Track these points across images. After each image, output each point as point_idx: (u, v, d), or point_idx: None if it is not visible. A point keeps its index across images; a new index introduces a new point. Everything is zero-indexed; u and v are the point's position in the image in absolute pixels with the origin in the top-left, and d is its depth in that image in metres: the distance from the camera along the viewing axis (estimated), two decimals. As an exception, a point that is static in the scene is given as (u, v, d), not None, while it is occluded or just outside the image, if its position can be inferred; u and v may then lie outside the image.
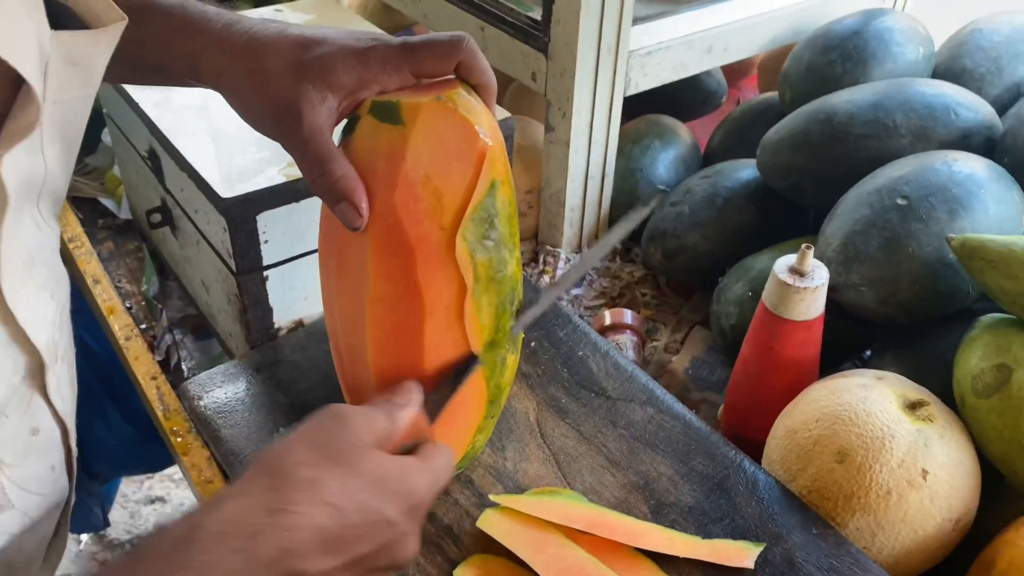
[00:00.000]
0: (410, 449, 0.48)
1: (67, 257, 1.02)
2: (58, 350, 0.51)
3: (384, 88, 0.53)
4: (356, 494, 0.41)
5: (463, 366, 0.56)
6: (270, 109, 0.51)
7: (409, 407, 0.49)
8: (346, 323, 0.58)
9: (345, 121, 0.54)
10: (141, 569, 0.38)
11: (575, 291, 0.95)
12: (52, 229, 0.51)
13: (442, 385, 0.55)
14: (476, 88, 0.55)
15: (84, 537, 1.77)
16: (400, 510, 0.43)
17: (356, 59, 0.51)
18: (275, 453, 0.42)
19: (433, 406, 0.53)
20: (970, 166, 0.71)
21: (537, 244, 1.01)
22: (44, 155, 0.45)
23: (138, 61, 0.55)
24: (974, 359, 0.63)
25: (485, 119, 0.53)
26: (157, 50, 0.55)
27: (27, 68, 0.40)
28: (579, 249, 1.00)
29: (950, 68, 0.93)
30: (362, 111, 0.53)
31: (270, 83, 0.51)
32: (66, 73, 0.45)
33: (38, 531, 0.53)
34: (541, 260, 0.97)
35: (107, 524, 1.49)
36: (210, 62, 0.53)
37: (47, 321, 0.49)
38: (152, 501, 1.86)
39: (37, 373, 0.49)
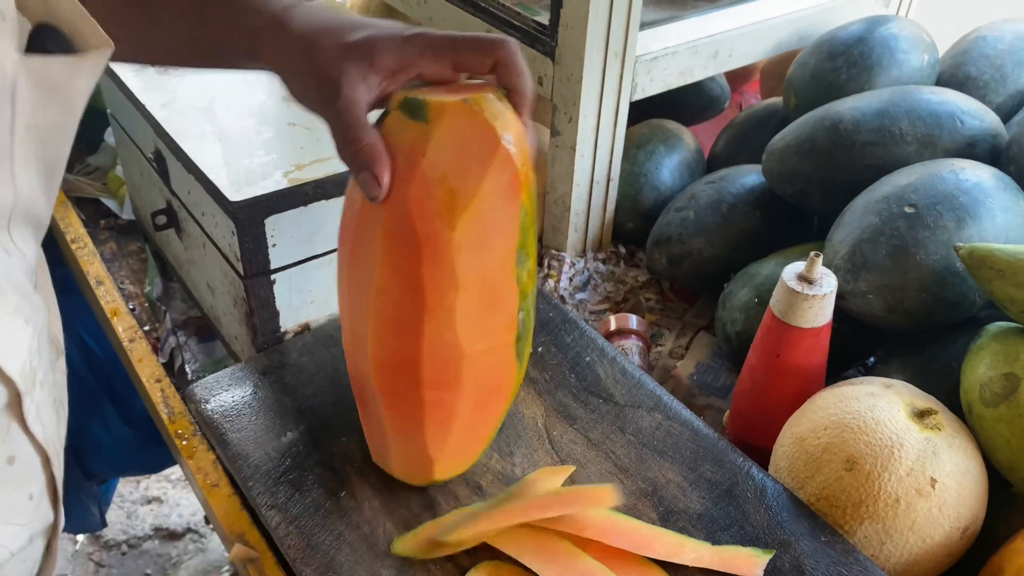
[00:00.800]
0: None
1: (70, 258, 1.01)
2: (36, 376, 0.50)
3: (423, 74, 0.54)
4: None
5: None
6: (314, 82, 0.54)
7: None
8: (352, 311, 0.58)
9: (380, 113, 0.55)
10: None
11: (579, 296, 0.95)
12: (23, 254, 0.49)
13: None
14: (510, 92, 0.55)
15: (80, 537, 1.76)
16: None
17: (399, 43, 0.53)
18: None
19: None
20: (977, 175, 0.71)
21: (542, 248, 1.01)
22: (15, 182, 0.45)
23: (197, 38, 0.58)
24: (981, 368, 0.63)
25: (512, 125, 0.53)
26: (219, 27, 0.57)
27: None
28: (584, 253, 1.00)
29: (954, 75, 0.93)
30: (392, 106, 0.54)
31: (316, 59, 0.53)
32: (39, 98, 0.44)
33: (24, 558, 0.52)
34: (546, 264, 0.97)
35: (104, 524, 1.48)
36: (271, 39, 0.55)
37: (21, 349, 0.47)
38: (149, 501, 1.85)
39: (14, 402, 0.48)
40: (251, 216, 0.70)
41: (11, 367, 0.46)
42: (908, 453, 0.59)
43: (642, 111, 1.05)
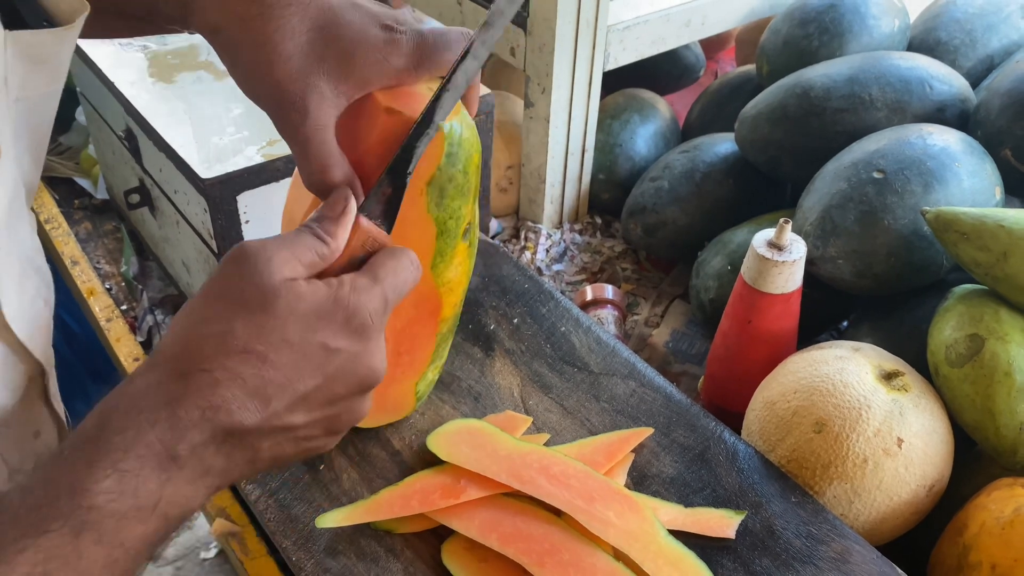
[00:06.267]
0: (364, 260, 0.44)
1: (44, 239, 1.01)
2: (51, 351, 0.51)
3: (400, 84, 0.49)
4: (274, 333, 0.38)
5: (406, 143, 0.49)
6: (273, 94, 0.46)
7: (343, 218, 0.44)
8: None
9: None
10: (64, 465, 0.35)
11: (556, 267, 0.96)
12: (31, 224, 0.50)
13: (381, 178, 0.48)
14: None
15: (68, 517, 1.76)
16: (339, 332, 0.40)
17: (379, 52, 0.47)
18: (177, 320, 0.39)
19: (384, 205, 0.47)
20: (944, 139, 0.72)
21: (518, 220, 1.01)
22: (15, 158, 0.45)
23: (121, 12, 0.50)
24: (947, 329, 0.64)
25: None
26: None
27: None
28: (560, 224, 1.00)
29: (925, 41, 0.93)
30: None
31: (276, 65, 0.45)
32: (29, 71, 0.43)
33: None
34: (522, 236, 0.98)
35: (91, 504, 1.48)
36: (204, 14, 0.47)
37: (42, 329, 0.48)
38: (135, 480, 1.85)
39: (37, 380, 0.49)
40: (223, 193, 0.69)
41: (37, 348, 0.47)
42: (875, 414, 0.60)
43: (617, 81, 1.05)
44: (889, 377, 0.63)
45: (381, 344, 0.43)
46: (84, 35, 0.53)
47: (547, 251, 0.97)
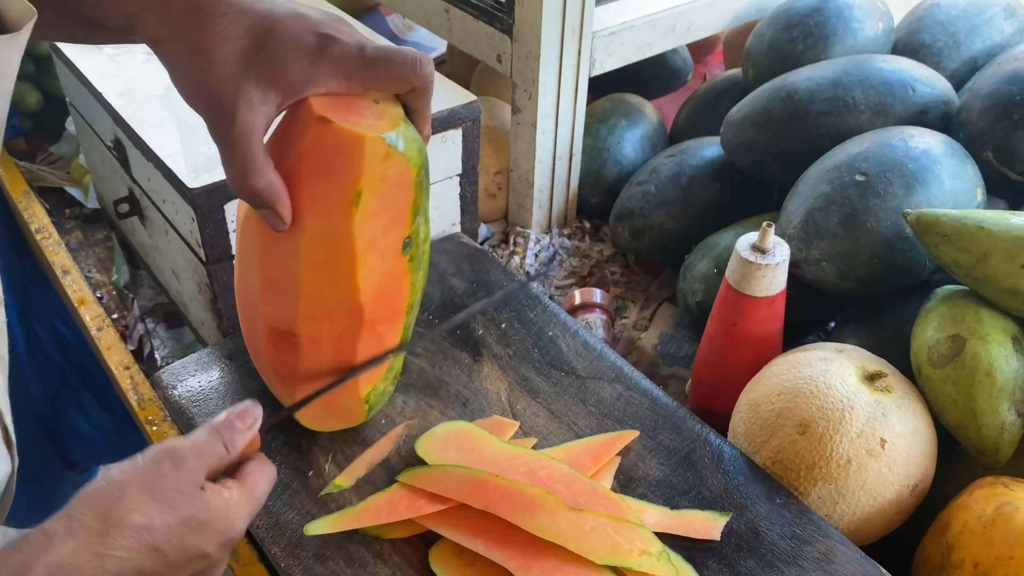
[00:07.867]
0: (237, 465, 0.49)
1: (35, 248, 1.01)
2: None
3: (330, 92, 0.50)
4: (180, 537, 0.44)
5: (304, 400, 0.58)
6: (204, 98, 0.48)
7: (247, 432, 0.49)
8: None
9: None
10: None
11: (545, 271, 0.96)
12: None
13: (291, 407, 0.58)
14: (410, 112, 0.54)
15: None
16: (217, 544, 0.46)
17: (308, 59, 0.48)
18: (109, 495, 0.43)
19: (276, 425, 0.54)
20: (926, 142, 0.73)
21: (507, 225, 1.02)
22: None
23: (79, 16, 0.51)
24: (930, 330, 0.65)
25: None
26: (93, 6, 0.50)
27: None
28: (549, 229, 1.01)
29: (909, 43, 0.94)
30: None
31: (209, 71, 0.47)
32: None
33: None
34: (511, 241, 0.98)
35: (86, 513, 1.48)
36: (146, 26, 0.48)
37: None
38: (131, 488, 1.85)
39: None
40: (210, 202, 0.70)
41: None
42: (859, 415, 0.61)
43: (606, 85, 1.06)
44: (872, 378, 0.63)
45: (229, 555, 0.49)
46: (51, 38, 0.54)
47: (536, 256, 0.97)
